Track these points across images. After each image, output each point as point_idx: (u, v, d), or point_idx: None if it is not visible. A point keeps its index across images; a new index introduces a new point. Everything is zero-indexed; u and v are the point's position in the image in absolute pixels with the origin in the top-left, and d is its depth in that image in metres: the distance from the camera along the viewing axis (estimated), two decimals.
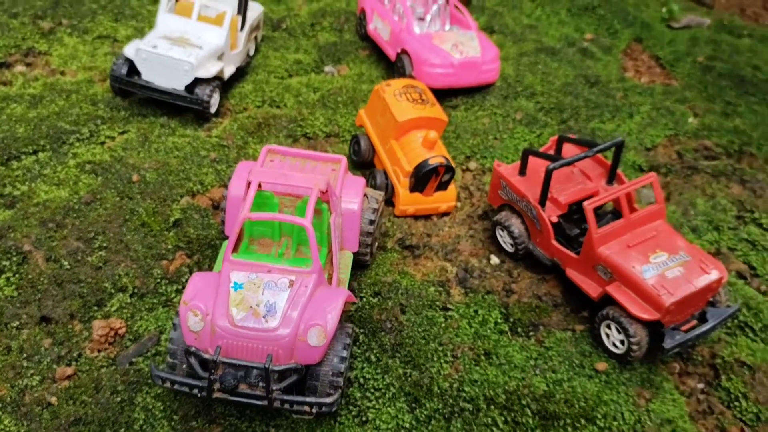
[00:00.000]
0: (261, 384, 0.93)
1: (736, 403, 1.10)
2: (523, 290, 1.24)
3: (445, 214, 1.40)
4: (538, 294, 1.23)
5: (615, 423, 1.04)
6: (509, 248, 1.29)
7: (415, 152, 1.36)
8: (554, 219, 1.22)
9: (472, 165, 1.52)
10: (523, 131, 1.62)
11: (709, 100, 1.81)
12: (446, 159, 1.34)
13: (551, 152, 1.33)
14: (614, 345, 1.12)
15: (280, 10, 1.98)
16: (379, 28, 1.81)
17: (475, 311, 1.19)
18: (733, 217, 1.44)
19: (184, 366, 0.98)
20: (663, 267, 1.10)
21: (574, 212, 1.26)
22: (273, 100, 1.63)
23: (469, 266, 1.27)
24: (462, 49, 1.68)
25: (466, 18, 1.77)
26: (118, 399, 1.00)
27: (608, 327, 1.12)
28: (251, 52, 1.75)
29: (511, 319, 1.18)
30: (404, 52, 1.70)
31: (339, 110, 1.61)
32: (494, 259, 1.30)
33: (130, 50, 1.50)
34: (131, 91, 1.51)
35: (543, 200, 1.21)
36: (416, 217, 1.38)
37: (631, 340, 1.08)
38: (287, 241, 1.11)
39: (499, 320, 1.18)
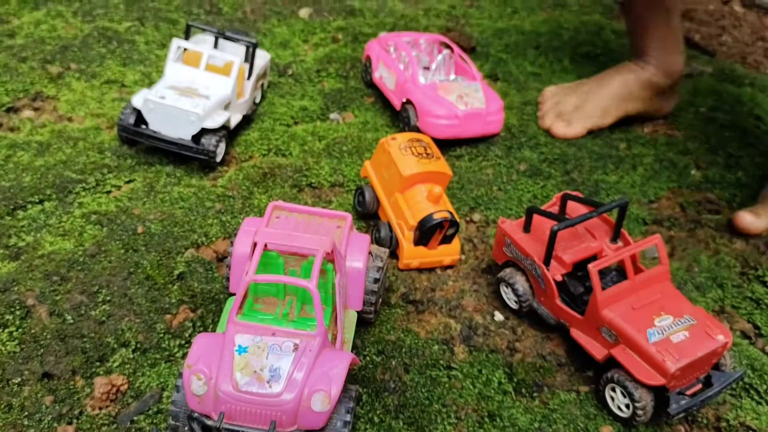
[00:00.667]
0: None
1: None
2: (528, 349, 1.23)
3: (449, 267, 1.41)
4: (542, 353, 1.23)
5: None
6: (513, 305, 1.29)
7: (419, 206, 1.37)
8: (558, 278, 1.22)
9: (476, 217, 1.53)
10: (526, 182, 1.63)
11: (712, 151, 1.82)
12: (450, 213, 1.35)
13: (555, 208, 1.33)
14: (619, 408, 1.11)
15: (286, 56, 2.00)
16: (384, 76, 1.82)
17: (479, 371, 1.18)
18: (737, 274, 1.44)
19: (186, 429, 0.97)
20: (668, 331, 1.10)
21: (578, 269, 1.25)
22: (278, 148, 1.64)
23: (473, 323, 1.27)
24: (467, 100, 1.69)
25: (471, 69, 1.78)
26: None
27: (613, 390, 1.11)
28: (257, 100, 1.76)
29: (515, 379, 1.18)
30: (409, 102, 1.71)
31: (344, 159, 1.62)
32: (498, 316, 1.29)
33: (137, 100, 1.50)
34: (138, 140, 1.53)
35: (547, 260, 1.21)
36: (420, 270, 1.38)
37: (636, 404, 1.07)
38: (291, 300, 1.11)
39: (503, 380, 1.17)
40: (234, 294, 1.14)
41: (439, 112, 1.66)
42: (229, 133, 1.61)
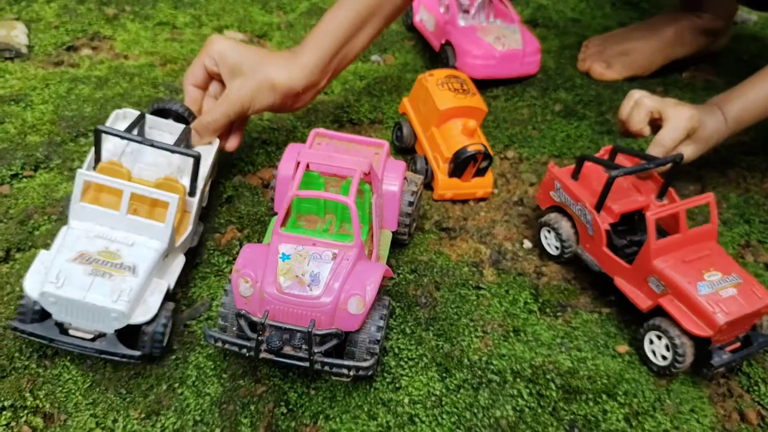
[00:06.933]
0: (304, 347, 1.01)
1: (755, 388, 1.14)
2: (554, 273, 1.30)
3: (482, 199, 1.47)
4: (567, 278, 1.29)
5: (635, 400, 1.10)
6: (554, 251, 1.31)
7: (454, 139, 1.43)
8: (606, 227, 1.22)
9: (510, 154, 1.58)
10: (561, 123, 1.67)
11: None
12: (484, 147, 1.40)
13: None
14: (654, 354, 1.14)
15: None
16: (424, 19, 1.87)
17: (506, 291, 1.25)
18: (766, 212, 1.47)
19: (234, 329, 1.06)
20: (717, 286, 1.11)
21: (621, 224, 1.26)
22: None
23: (502, 249, 1.33)
24: (504, 41, 1.73)
25: (510, 12, 1.82)
26: (173, 357, 1.10)
27: (658, 337, 1.13)
28: (204, 202, 1.28)
29: (541, 300, 1.24)
30: (448, 43, 1.76)
31: (383, 98, 1.69)
32: (527, 244, 1.36)
33: (32, 288, 1.00)
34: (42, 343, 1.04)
35: (600, 206, 1.22)
36: (454, 201, 1.45)
37: (678, 353, 1.10)
38: (331, 218, 1.18)
39: (528, 300, 1.24)
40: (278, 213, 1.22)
41: (477, 52, 1.71)
42: None
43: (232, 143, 1.34)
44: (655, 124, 1.33)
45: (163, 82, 1.64)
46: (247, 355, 1.02)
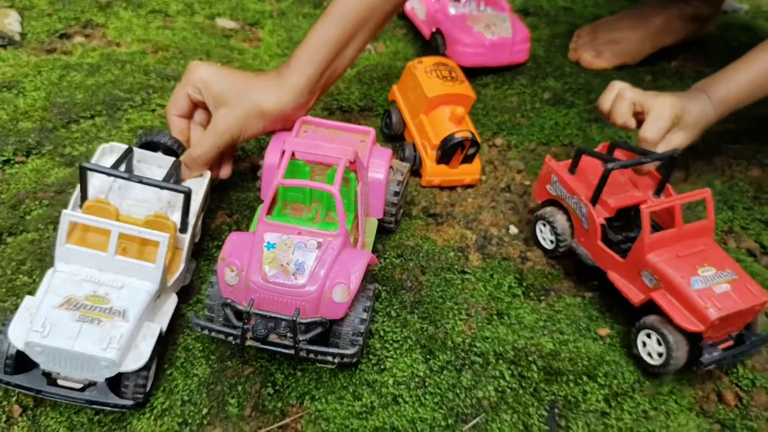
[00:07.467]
0: (289, 335, 1.03)
1: (733, 370, 1.16)
2: (538, 258, 1.32)
3: (470, 186, 1.49)
4: (552, 263, 1.31)
5: (615, 381, 1.12)
6: (548, 245, 1.31)
7: (442, 126, 1.44)
8: (601, 221, 1.22)
9: (498, 141, 1.60)
10: (549, 110, 1.69)
11: None
12: (471, 134, 1.42)
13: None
14: (650, 355, 1.12)
15: None
16: (416, 8, 1.88)
17: (491, 275, 1.27)
18: (750, 198, 1.49)
19: (220, 319, 1.07)
20: (711, 281, 1.10)
21: (617, 219, 1.26)
22: None
23: (488, 234, 1.35)
24: (494, 29, 1.75)
25: (500, 0, 1.83)
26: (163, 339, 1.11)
27: (648, 336, 1.12)
28: (197, 238, 1.25)
29: (525, 284, 1.27)
30: (439, 31, 1.77)
31: (374, 86, 1.70)
32: (513, 229, 1.38)
33: (17, 337, 0.95)
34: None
35: (596, 199, 1.22)
36: (442, 187, 1.47)
37: (671, 351, 1.08)
38: (317, 207, 1.20)
39: (513, 284, 1.26)
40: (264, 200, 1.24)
41: (467, 40, 1.73)
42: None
43: (225, 172, 1.30)
44: (637, 118, 1.31)
45: (154, 69, 1.66)
46: (234, 343, 1.04)
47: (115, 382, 0.98)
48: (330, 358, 1.03)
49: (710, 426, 1.09)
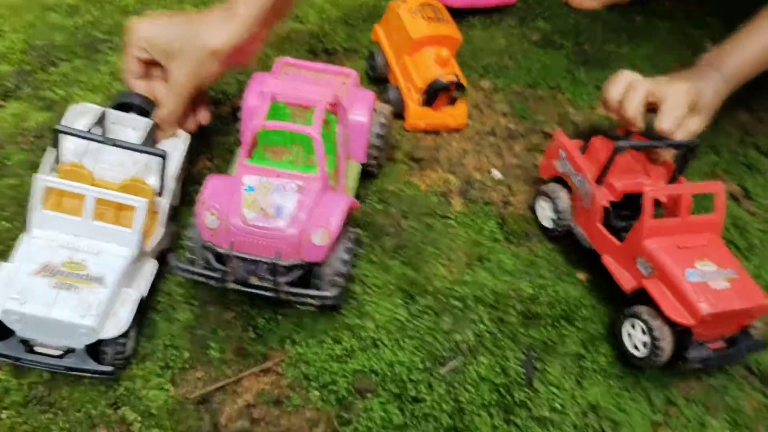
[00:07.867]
0: (269, 277, 1.03)
1: None
2: (520, 203, 1.32)
3: (455, 130, 1.47)
4: (534, 208, 1.31)
5: (593, 326, 1.14)
6: (548, 223, 1.26)
7: (427, 69, 1.42)
8: (605, 203, 1.16)
9: (485, 84, 1.58)
10: (537, 52, 1.66)
11: (730, 26, 1.81)
12: (456, 76, 1.40)
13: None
14: (635, 347, 1.07)
15: None
16: None
17: (473, 220, 1.27)
18: (736, 142, 1.49)
19: (201, 262, 1.08)
20: (708, 277, 1.04)
21: (624, 207, 1.19)
22: (296, 15, 1.69)
23: (471, 179, 1.35)
24: None
25: None
26: None
27: (632, 327, 1.07)
28: (177, 201, 1.22)
29: (506, 229, 1.27)
30: None
31: (359, 27, 1.67)
32: (496, 174, 1.37)
33: None
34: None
35: (601, 177, 1.16)
36: (427, 132, 1.45)
37: (656, 343, 1.03)
38: (299, 150, 1.19)
39: (494, 229, 1.27)
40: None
41: None
42: None
43: (203, 117, 1.28)
44: (649, 107, 1.22)
45: (134, 10, 1.62)
46: (215, 285, 1.04)
47: (94, 348, 0.97)
48: (311, 301, 1.04)
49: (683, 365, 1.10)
